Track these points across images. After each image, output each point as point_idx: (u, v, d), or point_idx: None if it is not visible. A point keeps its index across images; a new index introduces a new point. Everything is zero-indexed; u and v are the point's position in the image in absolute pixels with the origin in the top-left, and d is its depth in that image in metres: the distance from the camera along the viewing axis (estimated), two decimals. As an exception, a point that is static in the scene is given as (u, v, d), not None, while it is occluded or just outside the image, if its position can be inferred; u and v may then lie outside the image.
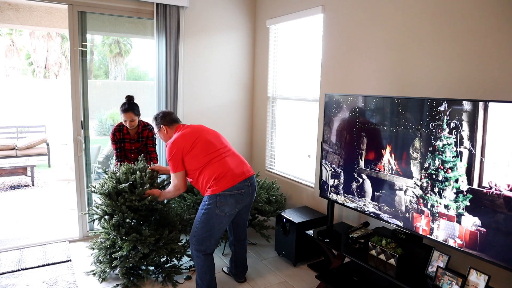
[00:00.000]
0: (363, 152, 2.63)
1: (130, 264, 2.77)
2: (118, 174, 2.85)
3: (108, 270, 2.87)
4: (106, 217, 2.82)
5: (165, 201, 3.11)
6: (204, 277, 2.63)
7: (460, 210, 2.03)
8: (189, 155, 2.55)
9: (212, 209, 2.49)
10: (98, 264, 2.96)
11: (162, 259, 2.98)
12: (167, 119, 2.76)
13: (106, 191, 2.77)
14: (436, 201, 2.16)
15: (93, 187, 2.86)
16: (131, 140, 3.34)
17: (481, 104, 1.91)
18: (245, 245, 2.95)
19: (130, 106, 3.19)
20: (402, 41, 2.64)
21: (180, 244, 2.95)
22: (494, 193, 1.87)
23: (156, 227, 2.89)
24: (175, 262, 3.06)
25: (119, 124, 3.32)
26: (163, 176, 3.22)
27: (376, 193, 2.56)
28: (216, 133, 2.75)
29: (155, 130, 2.83)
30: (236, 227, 2.86)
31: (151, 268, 2.95)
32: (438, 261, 2.19)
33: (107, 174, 2.90)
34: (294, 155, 3.97)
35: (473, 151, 1.95)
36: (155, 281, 2.93)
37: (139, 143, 3.36)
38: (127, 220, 2.82)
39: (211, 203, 2.49)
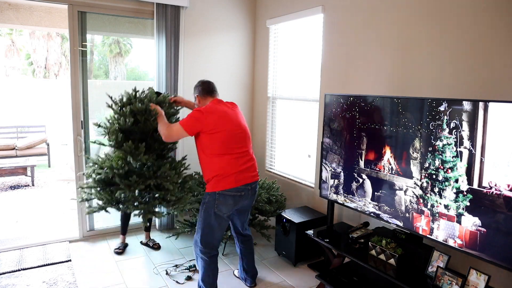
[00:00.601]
0: (363, 152, 2.63)
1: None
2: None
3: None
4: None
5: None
6: (207, 280, 2.61)
7: (460, 210, 2.03)
8: (207, 135, 2.46)
9: (210, 207, 2.49)
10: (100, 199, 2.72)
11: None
12: (200, 88, 2.68)
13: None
14: (436, 201, 2.16)
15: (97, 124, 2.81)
16: None
17: (481, 104, 1.91)
18: (250, 247, 2.90)
19: None
20: (402, 41, 2.64)
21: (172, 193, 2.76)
22: (494, 193, 1.87)
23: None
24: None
25: None
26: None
27: (376, 193, 2.56)
28: (245, 130, 2.62)
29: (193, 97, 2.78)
30: (236, 227, 2.86)
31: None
32: (438, 261, 2.19)
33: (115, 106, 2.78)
34: (294, 155, 3.97)
35: (473, 151, 1.95)
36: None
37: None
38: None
39: (210, 200, 2.49)
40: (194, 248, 2.63)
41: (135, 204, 2.72)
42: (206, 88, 2.67)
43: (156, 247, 3.53)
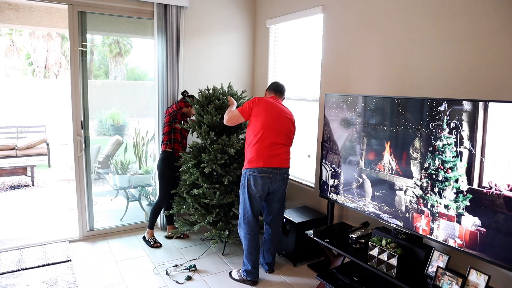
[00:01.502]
0: (363, 152, 2.63)
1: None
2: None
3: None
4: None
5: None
6: (250, 257, 2.90)
7: (460, 210, 2.03)
8: (253, 117, 2.87)
9: (245, 186, 2.85)
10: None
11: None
12: (270, 86, 3.11)
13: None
14: (436, 201, 2.16)
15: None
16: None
17: (481, 104, 1.91)
18: (274, 231, 3.04)
19: None
20: (402, 41, 2.64)
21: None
22: (494, 193, 1.87)
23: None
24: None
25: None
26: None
27: (376, 193, 2.56)
28: (289, 126, 2.92)
29: None
30: (264, 214, 3.06)
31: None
32: (438, 261, 2.19)
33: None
34: (294, 155, 3.96)
35: (473, 151, 1.95)
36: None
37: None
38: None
39: (244, 179, 2.86)
40: (238, 227, 2.97)
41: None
42: (273, 87, 3.09)
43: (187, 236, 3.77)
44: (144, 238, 3.68)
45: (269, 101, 2.92)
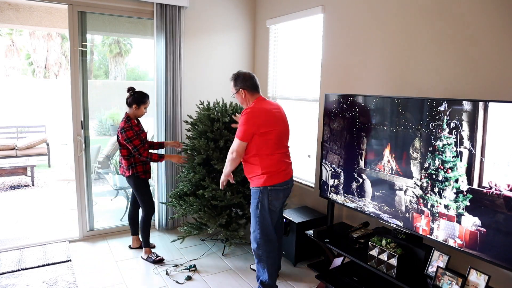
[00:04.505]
0: (363, 152, 2.63)
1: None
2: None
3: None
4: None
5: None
6: (273, 276, 2.66)
7: (460, 210, 2.03)
8: (260, 136, 2.52)
9: (265, 203, 2.56)
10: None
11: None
12: (248, 84, 2.63)
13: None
14: (436, 201, 2.16)
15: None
16: (141, 129, 3.25)
17: (481, 104, 1.91)
18: (280, 236, 2.95)
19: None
20: (402, 41, 2.64)
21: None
22: (494, 193, 1.87)
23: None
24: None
25: (126, 120, 3.11)
26: None
27: (376, 193, 2.56)
28: (287, 127, 2.74)
29: (232, 91, 2.70)
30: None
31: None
32: (438, 261, 2.19)
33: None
34: (294, 155, 3.96)
35: (473, 151, 1.95)
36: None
37: (144, 132, 3.30)
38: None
39: (263, 197, 2.56)
40: (255, 250, 2.64)
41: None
42: (252, 84, 2.64)
43: (160, 258, 3.30)
44: (142, 257, 3.36)
45: (265, 109, 2.57)
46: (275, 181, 2.56)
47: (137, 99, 3.14)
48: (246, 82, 2.63)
